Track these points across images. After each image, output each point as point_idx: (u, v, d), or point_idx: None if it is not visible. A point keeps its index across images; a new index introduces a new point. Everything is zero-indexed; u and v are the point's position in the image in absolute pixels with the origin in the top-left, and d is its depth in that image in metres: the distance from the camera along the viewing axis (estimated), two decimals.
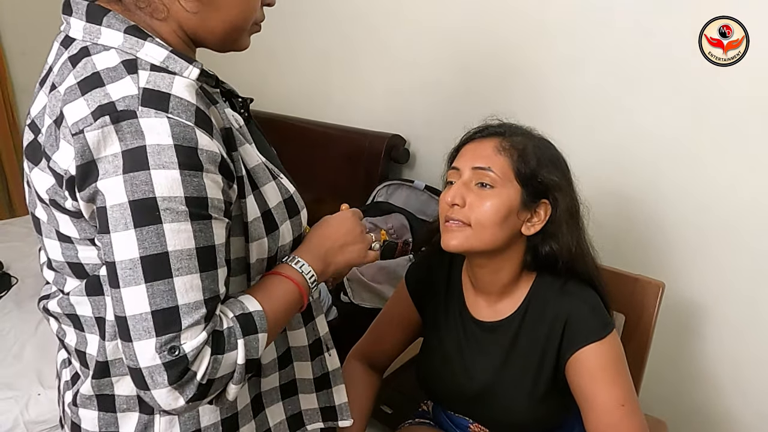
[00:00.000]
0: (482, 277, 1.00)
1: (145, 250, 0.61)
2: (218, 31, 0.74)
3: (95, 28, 0.67)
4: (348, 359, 1.16)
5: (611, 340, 0.93)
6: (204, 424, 0.76)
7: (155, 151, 0.61)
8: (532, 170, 0.93)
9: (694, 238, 1.39)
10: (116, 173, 0.61)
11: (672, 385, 1.50)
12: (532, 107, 1.50)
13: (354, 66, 2.00)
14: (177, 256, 0.62)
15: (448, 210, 0.94)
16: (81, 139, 0.62)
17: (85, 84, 0.64)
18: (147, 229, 0.61)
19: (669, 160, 1.39)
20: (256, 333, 0.67)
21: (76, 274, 0.73)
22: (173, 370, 0.61)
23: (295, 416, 0.87)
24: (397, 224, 1.79)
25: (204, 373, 0.63)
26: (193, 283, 0.63)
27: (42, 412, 1.40)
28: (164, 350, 0.61)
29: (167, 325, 0.61)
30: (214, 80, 0.74)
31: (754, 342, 1.37)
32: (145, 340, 0.61)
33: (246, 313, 0.68)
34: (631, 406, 0.91)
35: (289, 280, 0.74)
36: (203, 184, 0.64)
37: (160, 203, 0.61)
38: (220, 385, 0.66)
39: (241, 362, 0.65)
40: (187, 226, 0.63)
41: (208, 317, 0.64)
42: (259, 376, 0.81)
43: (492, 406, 1.00)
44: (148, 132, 0.62)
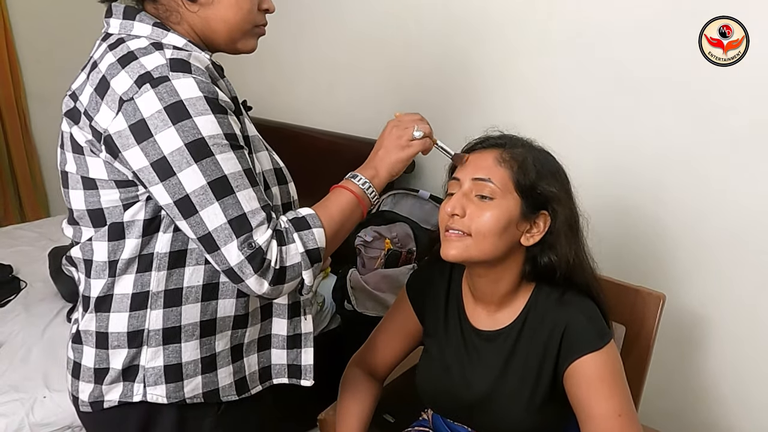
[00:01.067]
0: (482, 286, 1.01)
1: (209, 176, 0.79)
2: (220, 31, 0.89)
3: (129, 23, 0.85)
4: (349, 367, 1.17)
5: (609, 351, 0.94)
6: (185, 359, 0.88)
7: (191, 103, 0.79)
8: (531, 182, 0.94)
9: (696, 249, 1.39)
10: (166, 126, 0.78)
11: (674, 399, 1.49)
12: (535, 118, 1.52)
13: (360, 76, 2.03)
14: (233, 177, 0.80)
15: (448, 220, 0.95)
16: (132, 104, 0.78)
17: (123, 60, 0.81)
18: (205, 162, 0.78)
19: (670, 170, 1.40)
20: (310, 228, 0.84)
21: (94, 222, 0.87)
22: (255, 261, 0.79)
23: (266, 369, 0.98)
24: (401, 233, 1.80)
25: (276, 260, 0.80)
26: (250, 195, 0.81)
27: (47, 414, 1.42)
28: (244, 247, 0.78)
29: (241, 227, 0.79)
30: (220, 69, 0.89)
31: (756, 355, 1.36)
32: (229, 244, 0.79)
33: (298, 217, 0.85)
34: (628, 416, 0.91)
35: (341, 187, 0.92)
36: (230, 123, 0.82)
37: (208, 140, 0.79)
38: (293, 273, 0.82)
39: (302, 251, 0.82)
40: (231, 155, 0.81)
41: (269, 218, 0.82)
42: (246, 327, 0.93)
43: (490, 414, 1.01)
44: (181, 89, 0.79)
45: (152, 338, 0.87)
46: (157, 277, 0.86)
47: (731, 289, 1.36)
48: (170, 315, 0.86)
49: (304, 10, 2.12)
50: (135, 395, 0.88)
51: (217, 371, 0.91)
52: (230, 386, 0.93)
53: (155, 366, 0.87)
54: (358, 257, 1.78)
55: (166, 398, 0.88)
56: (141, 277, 0.86)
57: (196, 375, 0.89)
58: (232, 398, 0.94)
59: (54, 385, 1.47)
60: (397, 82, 1.92)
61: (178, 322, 0.87)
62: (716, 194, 1.34)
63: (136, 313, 0.86)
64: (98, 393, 0.89)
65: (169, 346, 0.87)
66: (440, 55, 1.77)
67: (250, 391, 0.96)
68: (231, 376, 0.93)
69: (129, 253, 0.85)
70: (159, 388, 0.88)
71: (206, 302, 0.88)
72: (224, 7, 0.88)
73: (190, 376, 0.89)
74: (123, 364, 0.87)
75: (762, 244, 1.30)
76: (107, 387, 0.89)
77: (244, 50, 0.94)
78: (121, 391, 0.89)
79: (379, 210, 1.88)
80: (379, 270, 1.75)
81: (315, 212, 0.87)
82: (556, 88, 1.55)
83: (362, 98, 2.04)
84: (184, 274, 0.86)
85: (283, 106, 2.29)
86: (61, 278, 1.80)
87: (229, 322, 0.91)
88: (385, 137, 0.96)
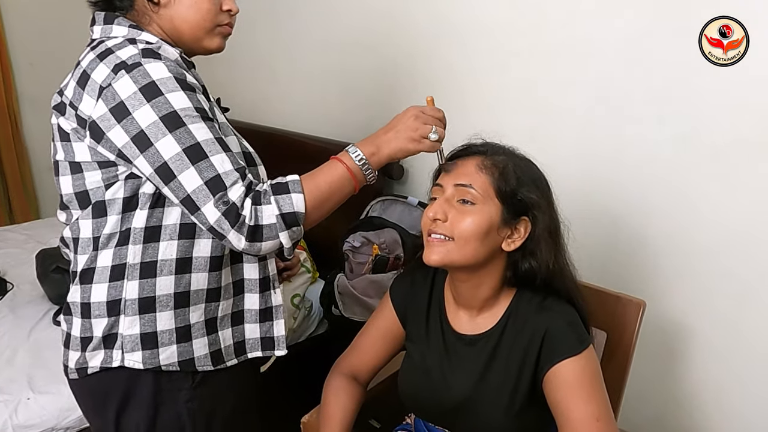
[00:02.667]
0: (463, 291, 1.03)
1: (183, 144, 0.87)
2: (184, 30, 0.98)
3: (109, 27, 0.96)
4: (332, 371, 1.18)
5: (588, 356, 0.95)
6: (160, 328, 0.95)
7: (162, 83, 0.88)
8: (512, 188, 0.96)
9: (678, 260, 1.41)
10: (142, 104, 0.87)
11: (656, 406, 1.51)
12: (519, 126, 1.53)
13: (352, 83, 2.04)
14: (206, 144, 0.88)
15: (431, 224, 0.96)
16: (110, 90, 0.88)
17: (101, 55, 0.91)
18: (179, 131, 0.87)
19: (653, 182, 1.41)
20: (288, 193, 0.90)
21: (81, 204, 0.95)
22: (230, 216, 0.87)
23: (240, 343, 1.04)
24: (389, 239, 1.81)
25: (251, 217, 0.87)
26: (223, 158, 0.89)
27: (31, 416, 1.41)
28: (219, 204, 0.87)
29: (216, 187, 0.87)
30: (190, 63, 1.00)
31: (737, 364, 1.38)
32: (207, 203, 0.87)
33: (280, 182, 0.92)
34: (606, 421, 0.92)
35: (336, 159, 0.96)
36: (200, 99, 0.91)
37: (180, 113, 0.88)
38: (270, 232, 0.89)
39: (277, 213, 0.89)
40: (203, 125, 0.89)
41: (243, 176, 0.89)
42: (219, 300, 0.99)
43: (470, 418, 1.01)
44: (153, 72, 0.88)
45: (129, 307, 0.94)
46: (134, 251, 0.93)
47: (712, 299, 1.38)
48: (145, 286, 0.93)
49: (297, 19, 2.14)
50: (114, 361, 0.95)
51: (192, 341, 0.97)
52: (205, 357, 0.99)
53: (132, 334, 0.94)
54: (346, 262, 1.79)
55: (143, 364, 0.95)
56: (119, 251, 0.93)
57: (171, 344, 0.96)
58: (207, 368, 0.99)
59: (38, 387, 1.47)
60: (388, 90, 1.94)
61: (153, 293, 0.94)
62: (698, 206, 1.36)
63: (115, 283, 0.94)
64: (83, 360, 0.97)
65: (145, 315, 0.94)
66: (430, 63, 1.79)
67: (226, 363, 1.02)
68: (206, 347, 0.99)
69: (110, 228, 0.93)
70: (136, 354, 0.95)
71: (180, 275, 0.95)
72: (184, 8, 0.97)
73: (165, 344, 0.95)
74: (103, 331, 0.95)
75: (741, 255, 1.32)
76: (90, 354, 0.96)
77: (211, 49, 1.02)
78: (102, 357, 0.96)
79: (367, 216, 1.89)
80: (367, 275, 1.75)
81: (299, 179, 0.92)
82: (541, 97, 1.57)
83: (354, 105, 2.06)
84: (158, 248, 0.93)
85: (276, 112, 2.31)
86: (48, 281, 1.79)
87: (202, 296, 0.97)
88: (401, 122, 0.97)
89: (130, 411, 0.99)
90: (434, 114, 0.98)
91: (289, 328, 1.77)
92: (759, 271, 1.31)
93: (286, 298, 1.76)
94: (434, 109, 0.99)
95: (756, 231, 1.30)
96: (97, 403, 1.02)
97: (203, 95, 0.95)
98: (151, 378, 0.97)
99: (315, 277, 1.96)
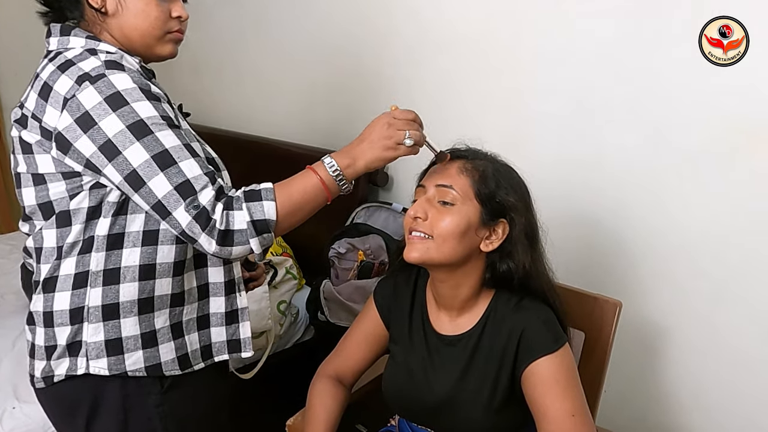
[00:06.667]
0: (444, 292, 1.05)
1: (151, 151, 0.88)
2: (135, 38, 0.99)
3: (65, 38, 0.96)
4: (317, 375, 1.19)
5: (564, 354, 0.98)
6: (125, 334, 0.95)
7: (127, 93, 0.89)
8: (491, 191, 0.99)
9: (655, 262, 1.45)
10: (108, 113, 0.88)
11: (637, 405, 1.54)
12: (501, 133, 1.57)
13: (338, 93, 2.07)
14: (174, 150, 0.89)
15: (412, 223, 0.99)
16: (75, 101, 0.88)
17: (62, 66, 0.91)
18: (146, 139, 0.88)
19: (630, 188, 1.45)
20: (260, 201, 0.91)
21: (45, 214, 0.95)
22: (200, 219, 0.88)
23: (207, 347, 1.04)
24: (374, 245, 1.84)
25: (221, 222, 0.88)
26: (192, 164, 0.90)
27: (17, 425, 1.41)
28: (190, 208, 0.88)
29: (186, 191, 0.88)
30: (150, 72, 1.02)
31: (714, 362, 1.41)
32: (178, 208, 0.88)
33: (253, 189, 0.93)
34: (582, 417, 0.95)
35: (311, 169, 0.96)
36: (165, 108, 0.93)
37: (146, 121, 0.89)
38: (240, 238, 0.90)
39: (248, 219, 0.90)
40: (170, 132, 0.90)
41: (213, 181, 0.90)
42: (183, 305, 1.00)
43: (452, 417, 1.04)
44: (117, 82, 0.89)
45: (92, 315, 0.94)
46: (97, 258, 0.93)
47: (687, 298, 1.42)
48: (109, 292, 0.94)
49: (283, 28, 2.17)
50: (79, 368, 0.95)
51: (158, 347, 0.98)
52: (173, 361, 0.99)
53: (96, 341, 0.94)
54: (332, 269, 1.81)
55: (108, 370, 0.95)
56: (82, 258, 0.94)
57: (137, 349, 0.96)
58: (175, 372, 1.00)
59: (24, 396, 1.46)
60: (373, 99, 1.97)
61: (117, 299, 0.94)
62: (674, 210, 1.40)
63: (78, 291, 0.94)
64: (48, 369, 0.97)
65: (109, 322, 0.94)
66: (414, 72, 1.83)
67: (193, 367, 1.02)
68: (173, 352, 0.99)
69: (73, 237, 0.94)
70: (101, 361, 0.95)
71: (143, 281, 0.95)
72: (132, 16, 0.97)
73: (131, 350, 0.96)
74: (67, 339, 0.95)
75: (714, 256, 1.36)
76: (55, 362, 0.96)
77: (163, 55, 1.02)
78: (67, 365, 0.96)
79: (353, 222, 1.91)
80: (352, 281, 1.77)
81: (272, 187, 0.93)
82: (522, 104, 1.60)
83: (339, 114, 2.09)
84: (121, 255, 0.94)
85: (262, 121, 2.32)
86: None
87: (166, 301, 0.98)
88: (374, 131, 0.96)
89: (100, 418, 0.98)
90: (406, 117, 0.96)
91: (276, 335, 1.78)
92: (731, 270, 1.35)
93: (272, 304, 1.77)
94: (405, 113, 0.97)
95: (728, 233, 1.34)
96: (65, 412, 1.01)
97: (168, 104, 0.96)
98: (119, 384, 0.97)
99: (301, 284, 1.97)
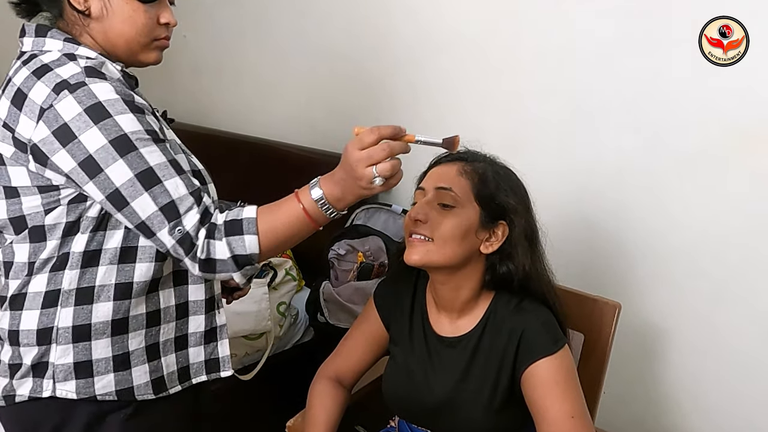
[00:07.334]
0: (444, 294, 1.05)
1: (135, 169, 0.83)
2: (119, 44, 0.93)
3: (41, 40, 0.89)
4: (317, 376, 1.19)
5: (563, 355, 0.98)
6: (96, 357, 0.90)
7: (110, 104, 0.83)
8: (490, 193, 0.99)
9: (655, 264, 1.45)
10: (88, 126, 0.82)
11: (636, 407, 1.54)
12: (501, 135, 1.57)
13: (337, 96, 2.07)
14: (159, 168, 0.85)
15: (412, 225, 1.00)
16: (52, 111, 0.82)
17: (38, 72, 0.85)
18: (130, 156, 0.83)
19: (630, 190, 1.46)
20: (241, 235, 0.86)
21: (16, 229, 0.90)
22: (184, 244, 0.85)
23: (185, 369, 1.00)
24: (374, 247, 1.84)
25: (202, 250, 0.85)
26: (177, 183, 0.85)
27: None
28: (174, 231, 0.84)
29: (171, 213, 0.84)
30: (134, 81, 0.96)
31: (713, 363, 1.42)
32: (162, 230, 0.85)
33: (236, 219, 0.87)
34: (581, 418, 0.95)
35: (297, 200, 0.89)
36: (149, 121, 0.87)
37: (130, 136, 0.84)
38: (223, 267, 0.87)
39: (228, 255, 0.86)
40: (155, 147, 0.85)
41: (198, 202, 0.86)
42: (159, 324, 0.95)
43: (452, 418, 1.04)
44: (99, 92, 0.83)
45: (62, 336, 0.89)
46: (70, 276, 0.88)
47: (686, 300, 1.42)
48: (81, 313, 0.89)
49: (283, 30, 2.17)
50: (44, 391, 0.90)
51: (131, 369, 0.92)
52: (146, 385, 0.94)
53: (65, 363, 0.89)
54: (331, 270, 1.81)
55: (76, 394, 0.90)
56: (54, 276, 0.89)
57: (107, 372, 0.91)
58: (148, 397, 0.94)
59: None
60: (372, 99, 1.97)
61: (89, 320, 0.89)
62: (673, 211, 1.40)
63: (47, 310, 0.89)
64: (10, 387, 0.92)
65: (79, 343, 0.89)
66: (413, 74, 1.83)
67: (168, 391, 0.97)
68: (147, 375, 0.94)
69: (47, 253, 0.88)
70: (69, 384, 0.90)
71: (119, 301, 0.90)
72: (119, 22, 0.90)
73: (102, 373, 0.90)
74: (33, 360, 0.90)
75: (713, 257, 1.37)
76: (18, 381, 0.91)
77: (147, 62, 0.97)
78: (30, 386, 0.91)
79: (352, 224, 1.92)
80: (352, 282, 1.78)
81: (255, 217, 0.87)
82: (522, 107, 1.61)
83: (338, 115, 2.08)
84: (97, 273, 0.89)
85: (261, 122, 2.32)
86: None
87: (142, 321, 0.93)
88: (350, 171, 0.84)
89: None
90: (371, 144, 0.82)
91: (275, 336, 1.78)
92: (731, 271, 1.35)
93: (272, 306, 1.77)
94: (370, 135, 0.83)
95: (727, 233, 1.34)
96: None
97: (152, 116, 0.91)
98: (86, 408, 0.91)
99: (301, 285, 1.97)
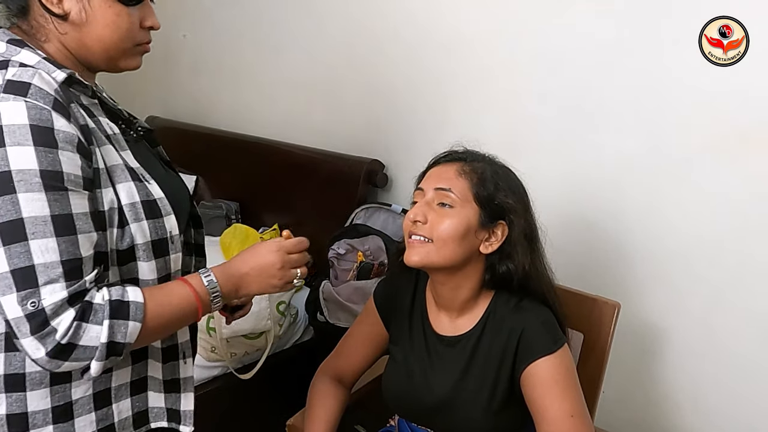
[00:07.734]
0: (444, 293, 1.06)
1: (1, 217, 0.69)
2: (96, 50, 0.83)
3: None
4: (317, 374, 1.20)
5: (562, 354, 0.98)
6: (31, 408, 0.79)
7: (11, 130, 0.70)
8: (489, 193, 1.00)
9: (652, 265, 1.46)
10: None
11: (635, 407, 1.55)
12: (501, 135, 1.58)
13: (336, 94, 2.08)
14: (32, 222, 0.70)
15: (412, 226, 1.00)
16: None
17: None
18: (2, 199, 0.69)
19: (628, 190, 1.46)
20: (126, 320, 0.74)
21: None
22: (33, 321, 0.69)
23: (142, 413, 0.89)
24: (373, 246, 1.84)
25: (65, 333, 0.70)
26: (49, 246, 0.70)
27: None
28: (25, 303, 0.69)
29: (25, 281, 0.69)
30: (90, 91, 0.82)
31: (710, 363, 1.42)
32: (8, 296, 0.69)
33: (122, 301, 0.75)
34: (580, 417, 0.96)
35: (188, 285, 0.81)
36: (58, 159, 0.72)
37: (14, 175, 0.69)
38: (83, 354, 0.72)
39: (104, 341, 0.72)
40: (41, 196, 0.70)
41: (70, 276, 0.71)
42: (111, 371, 0.84)
43: (452, 417, 1.04)
44: (4, 114, 0.70)
45: None
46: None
47: (684, 301, 1.43)
48: (13, 360, 0.78)
49: (282, 30, 2.17)
50: None
51: (73, 420, 0.82)
52: None
53: None
54: (331, 269, 1.82)
55: None
56: None
57: (45, 425, 0.80)
58: None
59: None
60: (371, 100, 1.98)
61: (23, 369, 0.78)
62: (671, 212, 1.41)
63: None
64: None
65: (12, 394, 0.78)
66: (412, 74, 1.83)
67: None
68: (93, 425, 0.83)
69: None
70: None
71: None
72: (100, 27, 0.81)
73: (39, 425, 0.80)
74: None
75: (712, 259, 1.37)
76: None
77: (127, 68, 0.88)
78: None
79: (352, 223, 1.92)
80: (352, 282, 1.78)
81: (143, 302, 0.76)
82: (521, 107, 1.61)
83: (338, 115, 2.09)
84: None
85: (260, 122, 2.33)
86: None
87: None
88: (265, 268, 0.86)
89: None
90: (298, 250, 0.90)
91: (275, 335, 1.78)
92: (728, 272, 1.36)
93: (272, 305, 1.78)
94: (298, 244, 0.90)
95: (725, 235, 1.35)
96: None
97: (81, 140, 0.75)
98: None
99: (301, 285, 1.97)
